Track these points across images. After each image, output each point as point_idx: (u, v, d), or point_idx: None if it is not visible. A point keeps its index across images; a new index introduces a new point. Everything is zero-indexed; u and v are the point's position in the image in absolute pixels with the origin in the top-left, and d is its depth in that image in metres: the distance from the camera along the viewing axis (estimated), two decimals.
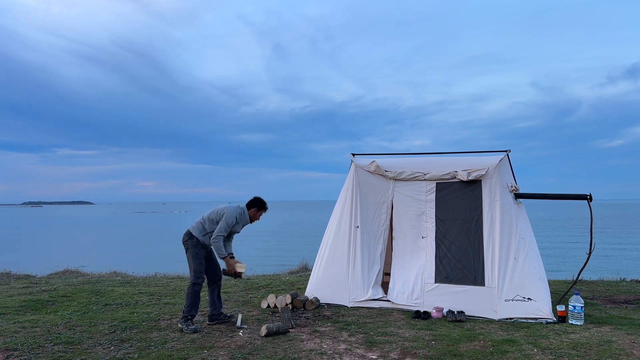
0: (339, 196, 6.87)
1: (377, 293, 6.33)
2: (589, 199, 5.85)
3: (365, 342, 4.65)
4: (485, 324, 5.42)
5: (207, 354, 4.29)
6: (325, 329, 5.19)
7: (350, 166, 6.83)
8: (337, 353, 4.32)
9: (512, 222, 5.92)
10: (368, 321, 5.51)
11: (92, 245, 34.52)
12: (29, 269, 11.97)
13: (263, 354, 4.30)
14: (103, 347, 4.48)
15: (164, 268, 12.09)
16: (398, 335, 4.93)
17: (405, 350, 4.39)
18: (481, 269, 5.87)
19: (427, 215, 6.34)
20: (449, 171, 6.30)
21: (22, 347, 4.42)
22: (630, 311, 6.12)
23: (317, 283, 6.52)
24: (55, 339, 4.69)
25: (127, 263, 16.70)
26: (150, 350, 4.40)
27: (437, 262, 6.11)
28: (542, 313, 5.51)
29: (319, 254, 6.78)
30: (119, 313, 5.93)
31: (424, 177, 6.39)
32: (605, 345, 4.53)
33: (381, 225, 6.57)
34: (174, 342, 4.64)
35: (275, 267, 12.57)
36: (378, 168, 6.59)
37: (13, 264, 12.82)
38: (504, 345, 4.54)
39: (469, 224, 6.12)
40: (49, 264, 14.47)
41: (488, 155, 6.50)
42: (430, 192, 6.37)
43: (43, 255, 26.38)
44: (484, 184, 6.12)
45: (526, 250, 5.81)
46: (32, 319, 5.58)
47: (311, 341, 4.71)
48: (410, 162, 6.67)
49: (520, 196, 6.19)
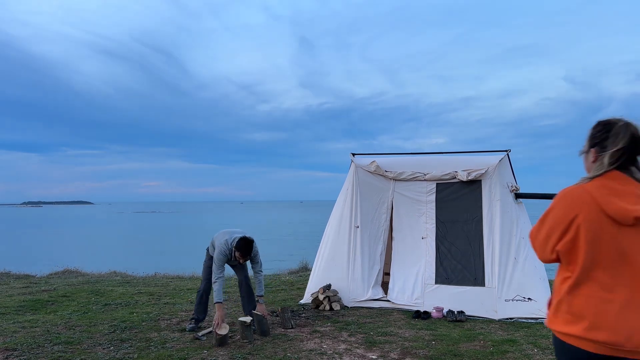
0: (339, 196, 6.86)
1: (377, 293, 6.33)
2: None
3: (365, 342, 4.64)
4: (486, 324, 5.41)
5: (207, 354, 4.29)
6: (325, 329, 5.18)
7: (350, 166, 6.82)
8: (337, 353, 4.32)
9: (512, 222, 5.92)
10: (368, 321, 5.50)
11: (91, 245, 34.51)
12: (29, 268, 11.96)
13: (263, 354, 4.29)
14: (103, 347, 4.47)
15: (163, 268, 12.07)
16: (398, 335, 4.92)
17: (405, 350, 4.39)
18: (481, 270, 5.87)
19: (427, 216, 6.33)
20: (449, 171, 6.29)
21: (22, 347, 4.42)
22: None
23: (316, 283, 6.50)
24: (54, 339, 4.68)
25: (126, 263, 16.68)
26: (150, 350, 4.40)
27: (438, 264, 6.11)
28: (543, 313, 5.50)
29: (319, 254, 6.77)
30: (119, 313, 5.92)
31: (424, 177, 6.39)
32: None
33: (381, 226, 6.56)
34: (173, 342, 4.64)
35: (275, 267, 12.56)
36: (378, 168, 6.58)
37: (13, 263, 12.80)
38: (504, 345, 4.54)
39: (469, 224, 6.11)
40: (48, 264, 14.45)
41: (488, 155, 6.50)
42: (430, 192, 6.36)
43: (43, 255, 26.36)
44: (484, 184, 6.12)
45: (526, 251, 5.81)
46: (32, 318, 5.58)
47: (311, 341, 4.70)
48: (410, 162, 6.66)
49: (521, 196, 6.19)
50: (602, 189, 1.70)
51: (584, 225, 1.69)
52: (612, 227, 1.67)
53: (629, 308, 1.64)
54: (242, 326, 4.70)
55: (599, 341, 1.64)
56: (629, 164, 1.73)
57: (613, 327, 1.63)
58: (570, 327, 1.71)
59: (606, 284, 1.67)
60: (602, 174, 1.73)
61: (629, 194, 1.68)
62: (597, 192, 1.70)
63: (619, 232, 1.66)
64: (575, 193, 1.74)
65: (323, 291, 6.13)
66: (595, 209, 1.69)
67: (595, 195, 1.70)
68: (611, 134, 1.74)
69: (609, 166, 1.72)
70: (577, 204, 1.72)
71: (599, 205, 1.68)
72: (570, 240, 1.72)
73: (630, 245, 1.66)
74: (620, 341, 1.62)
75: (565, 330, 1.72)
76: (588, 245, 1.68)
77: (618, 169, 1.72)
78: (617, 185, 1.70)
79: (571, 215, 1.72)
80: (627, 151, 1.71)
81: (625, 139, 1.71)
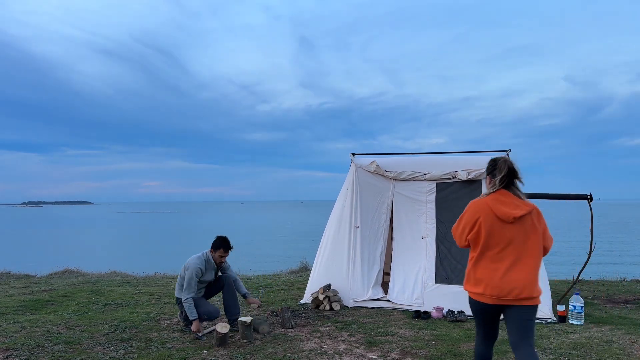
0: (339, 196, 6.86)
1: (377, 293, 6.33)
2: (589, 198, 5.84)
3: (365, 342, 4.64)
4: None
5: (207, 354, 4.29)
6: (325, 329, 5.18)
7: (350, 166, 6.82)
8: (337, 353, 4.32)
9: None
10: (368, 321, 5.51)
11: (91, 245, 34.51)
12: (29, 268, 11.96)
13: (263, 354, 4.29)
14: (103, 347, 4.48)
15: (164, 268, 12.08)
16: (398, 335, 4.92)
17: (405, 350, 4.39)
18: None
19: (428, 216, 6.33)
20: (448, 171, 6.29)
21: (22, 347, 4.42)
22: (630, 311, 6.11)
23: (316, 283, 6.51)
24: (55, 339, 4.68)
25: (127, 263, 16.69)
26: (150, 350, 4.40)
27: (438, 263, 6.11)
28: (543, 313, 5.51)
29: (318, 254, 6.77)
30: (119, 313, 5.93)
31: (424, 177, 6.39)
32: (605, 345, 4.53)
33: (381, 226, 6.56)
34: (173, 342, 4.64)
35: (275, 267, 12.56)
36: (378, 168, 6.58)
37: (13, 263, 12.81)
38: (504, 345, 4.54)
39: None
40: (48, 264, 14.46)
41: (488, 155, 6.49)
42: (430, 192, 6.36)
43: (43, 255, 26.36)
44: (484, 184, 6.12)
45: None
46: (32, 318, 5.58)
47: (311, 341, 4.70)
48: (410, 162, 6.66)
49: None
50: (494, 200, 2.89)
51: (483, 223, 2.85)
52: (500, 224, 2.84)
53: (508, 274, 2.79)
54: (242, 326, 4.70)
55: (492, 295, 2.82)
56: (510, 184, 2.93)
57: (499, 286, 2.80)
58: (475, 288, 2.88)
59: (494, 259, 2.84)
60: (494, 191, 2.93)
61: (510, 203, 2.87)
62: (491, 202, 2.89)
63: (504, 227, 2.84)
64: (479, 203, 2.93)
65: (323, 291, 6.13)
66: (490, 212, 2.86)
67: (490, 204, 2.88)
68: (497, 167, 2.96)
69: (498, 186, 2.91)
70: (479, 210, 2.90)
71: (492, 210, 2.86)
72: (475, 233, 2.89)
73: (512, 235, 2.83)
74: (503, 294, 2.79)
75: (473, 290, 2.90)
76: (485, 236, 2.85)
77: (504, 188, 2.92)
78: (503, 198, 2.89)
79: (476, 217, 2.89)
80: (507, 177, 2.90)
81: (505, 170, 2.90)
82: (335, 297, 6.14)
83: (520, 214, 2.82)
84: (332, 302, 6.08)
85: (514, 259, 2.80)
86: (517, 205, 2.85)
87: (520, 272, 2.78)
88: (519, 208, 2.84)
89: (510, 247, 2.81)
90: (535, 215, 2.88)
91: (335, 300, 6.10)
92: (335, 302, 6.08)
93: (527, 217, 2.85)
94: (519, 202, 2.88)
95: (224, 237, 5.12)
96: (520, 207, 2.85)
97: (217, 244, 5.05)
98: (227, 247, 5.05)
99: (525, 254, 2.81)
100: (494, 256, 2.82)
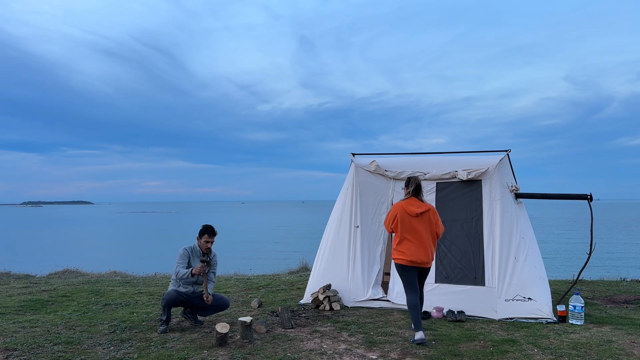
0: (339, 196, 6.86)
1: (377, 293, 6.33)
2: (589, 198, 5.84)
3: (365, 342, 4.64)
4: (486, 323, 5.42)
5: (207, 354, 4.29)
6: (325, 329, 5.18)
7: (350, 166, 6.82)
8: (337, 353, 4.32)
9: (512, 222, 5.92)
10: (368, 321, 5.50)
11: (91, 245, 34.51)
12: (29, 268, 11.98)
13: (263, 354, 4.29)
14: (103, 347, 4.48)
15: (163, 268, 12.08)
16: (398, 335, 4.92)
17: (405, 350, 4.39)
18: (481, 269, 5.87)
19: None
20: (449, 171, 6.29)
21: (22, 347, 4.42)
22: (631, 311, 6.11)
23: (316, 283, 6.51)
24: (55, 339, 4.68)
25: (126, 263, 16.69)
26: (150, 350, 4.40)
27: (438, 262, 6.10)
28: (543, 313, 5.51)
29: (319, 254, 6.77)
30: (119, 313, 5.93)
31: (424, 176, 6.38)
32: (605, 345, 4.53)
33: (381, 225, 6.56)
34: (173, 342, 4.64)
35: (275, 267, 12.56)
36: (378, 168, 6.58)
37: (13, 263, 12.82)
38: (504, 345, 4.54)
39: (469, 223, 6.11)
40: (48, 264, 14.47)
41: (488, 155, 6.49)
42: (430, 192, 6.36)
43: (43, 255, 26.37)
44: (484, 184, 6.12)
45: (526, 250, 5.81)
46: (32, 318, 5.58)
47: (311, 341, 4.70)
48: (410, 162, 6.66)
49: (521, 196, 6.19)
50: (407, 203, 4.88)
51: (399, 217, 4.81)
52: (409, 217, 4.80)
53: (417, 248, 4.77)
54: (242, 326, 4.70)
55: (410, 260, 4.75)
56: (417, 193, 4.92)
57: (414, 254, 4.75)
58: (402, 256, 4.79)
59: (409, 240, 4.79)
60: (407, 198, 4.93)
61: (415, 204, 4.86)
62: (405, 204, 4.87)
63: (412, 219, 4.80)
64: (398, 204, 4.92)
65: (323, 291, 6.13)
66: (404, 210, 4.82)
67: (404, 205, 4.86)
68: (410, 182, 4.97)
69: (410, 194, 4.91)
70: (398, 208, 4.87)
71: (405, 209, 4.83)
72: (395, 223, 4.84)
73: (416, 225, 4.80)
74: (415, 260, 4.75)
75: (399, 257, 4.80)
76: (401, 225, 4.80)
77: (413, 196, 4.91)
78: (412, 201, 4.88)
79: (396, 213, 4.85)
80: (415, 189, 4.91)
81: (414, 185, 4.91)
82: (335, 297, 6.14)
83: (421, 211, 4.81)
84: (332, 302, 6.08)
85: (418, 240, 4.78)
86: (419, 205, 4.86)
87: (422, 247, 4.78)
88: (420, 207, 4.84)
89: (416, 233, 4.79)
90: (432, 213, 4.87)
91: (335, 300, 6.10)
92: (335, 302, 6.08)
93: (426, 214, 4.82)
94: (420, 204, 4.87)
95: (209, 224, 5.33)
96: (421, 207, 4.85)
97: (202, 231, 5.26)
98: (211, 232, 5.24)
99: (426, 237, 4.81)
100: (409, 237, 4.78)
